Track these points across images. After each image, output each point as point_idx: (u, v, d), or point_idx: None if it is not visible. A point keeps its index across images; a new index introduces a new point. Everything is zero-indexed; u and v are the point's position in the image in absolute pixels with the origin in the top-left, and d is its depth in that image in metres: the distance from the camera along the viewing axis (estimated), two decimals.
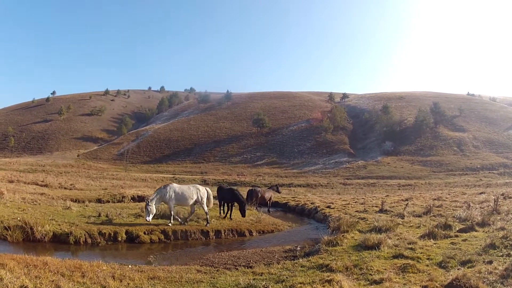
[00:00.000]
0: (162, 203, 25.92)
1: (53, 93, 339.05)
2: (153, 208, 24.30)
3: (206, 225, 25.37)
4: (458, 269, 12.96)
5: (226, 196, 30.29)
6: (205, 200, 25.88)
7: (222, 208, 31.43)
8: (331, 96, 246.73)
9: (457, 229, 19.80)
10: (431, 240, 17.80)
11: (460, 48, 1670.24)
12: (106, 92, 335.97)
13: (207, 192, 26.50)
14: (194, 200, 25.12)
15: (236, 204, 29.81)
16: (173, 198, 24.61)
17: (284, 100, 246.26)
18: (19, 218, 22.41)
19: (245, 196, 36.16)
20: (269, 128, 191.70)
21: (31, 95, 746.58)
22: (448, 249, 16.09)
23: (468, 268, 13.13)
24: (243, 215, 28.92)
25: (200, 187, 26.00)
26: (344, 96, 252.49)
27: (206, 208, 25.66)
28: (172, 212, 24.84)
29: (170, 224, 24.23)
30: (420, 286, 11.86)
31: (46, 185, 53.28)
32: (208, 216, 25.87)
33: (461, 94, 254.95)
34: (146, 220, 24.62)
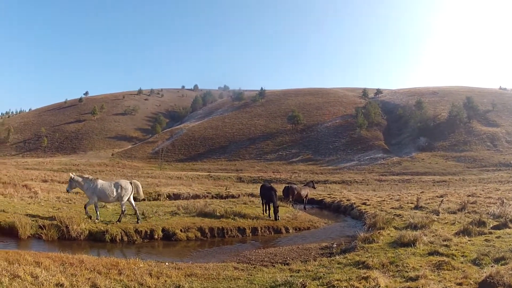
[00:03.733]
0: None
1: (86, 93, 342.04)
2: (73, 183, 24.38)
3: (116, 222, 23.61)
4: (492, 266, 12.82)
5: (266, 194, 30.02)
6: (126, 197, 24.63)
7: (265, 207, 30.92)
8: (365, 92, 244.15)
9: (491, 226, 19.64)
10: (466, 237, 17.77)
11: (492, 41, 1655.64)
12: (140, 92, 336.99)
13: (131, 186, 25.23)
14: (115, 196, 24.27)
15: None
16: (94, 194, 23.97)
17: (318, 96, 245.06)
18: (54, 217, 22.62)
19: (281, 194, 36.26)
20: (304, 124, 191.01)
21: (63, 96, 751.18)
22: (482, 246, 16.04)
23: (501, 265, 13.02)
24: (275, 218, 28.56)
25: (123, 183, 25.04)
26: (378, 91, 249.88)
27: (124, 206, 24.55)
28: (89, 205, 24.28)
29: (96, 221, 23.49)
30: (455, 283, 11.86)
31: None
32: (122, 215, 24.42)
33: (493, 88, 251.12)
34: (67, 190, 25.40)
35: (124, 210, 24.61)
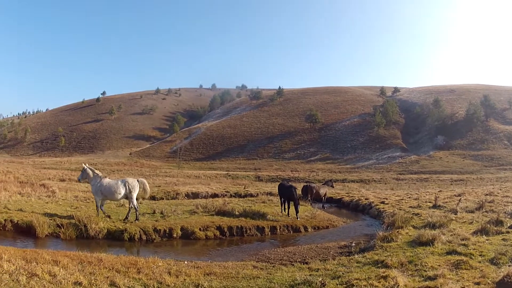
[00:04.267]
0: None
1: (103, 93, 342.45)
2: (84, 174, 24.86)
3: (134, 221, 23.68)
4: (509, 265, 12.83)
5: (286, 192, 30.03)
6: (134, 194, 24.55)
7: (284, 206, 30.83)
8: (382, 90, 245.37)
9: (508, 225, 19.52)
10: (484, 236, 17.70)
11: (509, 39, 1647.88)
12: (157, 91, 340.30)
13: (138, 184, 25.22)
14: (122, 194, 24.30)
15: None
16: (99, 191, 24.06)
17: (336, 95, 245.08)
18: (72, 215, 22.79)
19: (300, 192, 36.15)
20: (322, 123, 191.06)
21: (80, 97, 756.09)
22: (499, 245, 15.97)
23: None
24: (296, 212, 28.61)
25: (130, 180, 25.03)
26: (396, 90, 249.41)
27: (135, 202, 24.45)
28: (98, 205, 24.40)
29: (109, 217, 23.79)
30: (473, 282, 11.83)
31: None
32: (137, 212, 24.37)
33: (510, 86, 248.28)
34: (78, 180, 26.14)
35: (138, 207, 24.63)
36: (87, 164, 25.79)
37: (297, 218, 28.46)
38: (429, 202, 33.53)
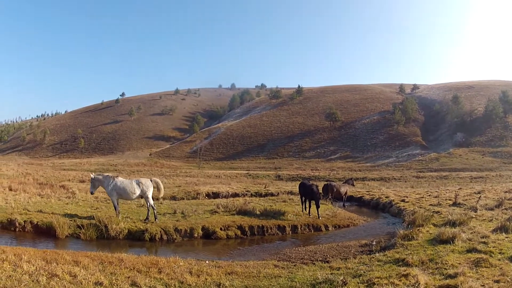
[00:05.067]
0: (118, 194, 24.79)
1: (122, 94, 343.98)
2: (95, 183, 24.90)
3: (155, 221, 23.76)
4: None
5: (307, 191, 29.86)
6: (149, 193, 24.63)
7: (304, 205, 30.86)
8: (401, 87, 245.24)
9: None
10: (503, 234, 17.70)
11: None
12: (177, 92, 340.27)
13: (152, 183, 25.34)
14: (137, 194, 24.44)
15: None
16: (114, 191, 24.30)
17: (356, 93, 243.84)
18: (92, 216, 22.96)
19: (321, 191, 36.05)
20: (342, 121, 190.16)
21: (99, 99, 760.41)
22: None
23: None
24: (318, 214, 28.60)
25: (144, 180, 25.12)
26: (415, 87, 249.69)
27: (151, 201, 24.53)
28: (115, 205, 24.49)
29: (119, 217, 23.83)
30: (492, 280, 11.88)
31: None
32: (155, 212, 24.44)
33: None
34: (90, 192, 25.74)
35: (155, 207, 24.68)
36: (93, 173, 25.85)
37: (318, 217, 28.43)
38: (449, 200, 33.46)
